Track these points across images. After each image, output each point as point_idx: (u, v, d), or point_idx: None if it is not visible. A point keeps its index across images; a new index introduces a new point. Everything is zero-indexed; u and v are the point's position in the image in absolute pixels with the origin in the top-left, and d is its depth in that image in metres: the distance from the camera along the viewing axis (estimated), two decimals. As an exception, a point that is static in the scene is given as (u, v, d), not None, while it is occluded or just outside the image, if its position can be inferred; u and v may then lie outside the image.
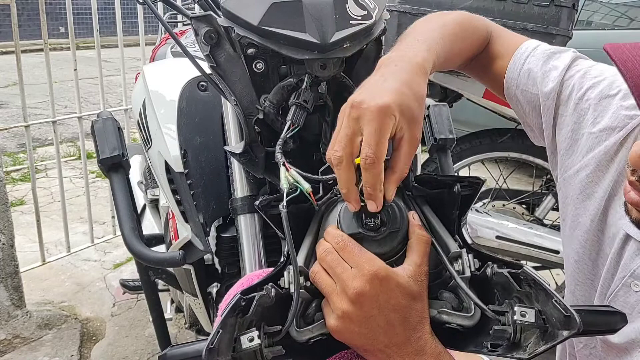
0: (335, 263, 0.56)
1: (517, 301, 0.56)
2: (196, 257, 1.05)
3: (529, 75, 0.80)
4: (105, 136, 0.99)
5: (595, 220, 0.75)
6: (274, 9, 0.74)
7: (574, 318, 0.50)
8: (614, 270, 0.73)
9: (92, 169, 3.60)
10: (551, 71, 0.78)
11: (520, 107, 0.84)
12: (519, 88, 0.81)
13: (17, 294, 2.10)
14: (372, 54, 0.87)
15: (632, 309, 0.68)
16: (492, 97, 2.05)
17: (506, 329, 0.55)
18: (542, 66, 0.79)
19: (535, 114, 0.82)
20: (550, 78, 0.78)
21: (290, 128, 0.74)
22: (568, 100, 0.77)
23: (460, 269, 0.59)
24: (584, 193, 0.76)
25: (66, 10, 2.41)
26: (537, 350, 0.53)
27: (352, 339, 0.57)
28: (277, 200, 0.64)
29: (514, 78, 0.81)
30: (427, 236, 0.60)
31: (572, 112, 0.76)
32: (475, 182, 0.66)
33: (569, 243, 0.81)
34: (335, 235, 0.59)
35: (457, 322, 0.58)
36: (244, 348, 0.53)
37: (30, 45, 8.76)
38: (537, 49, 0.81)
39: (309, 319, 0.59)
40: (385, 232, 0.59)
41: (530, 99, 0.81)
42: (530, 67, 0.80)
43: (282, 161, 0.63)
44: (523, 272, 0.56)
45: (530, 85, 0.80)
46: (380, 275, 0.54)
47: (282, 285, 0.59)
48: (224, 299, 0.77)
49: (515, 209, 2.27)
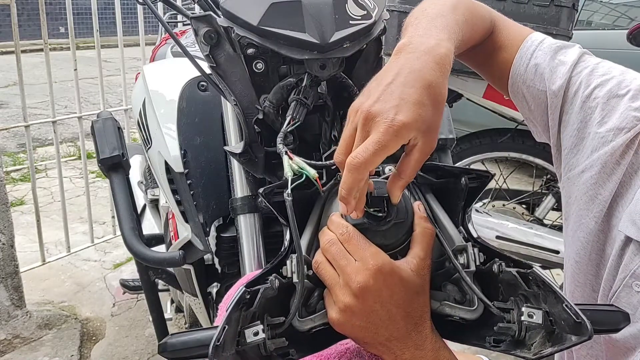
0: (339, 255, 0.56)
1: (524, 299, 0.56)
2: (196, 257, 1.05)
3: (536, 70, 0.77)
4: (105, 136, 0.99)
5: (598, 222, 0.73)
6: (274, 9, 0.74)
7: (585, 325, 0.49)
8: (615, 272, 0.72)
9: (92, 169, 3.60)
10: (559, 67, 0.75)
11: (525, 103, 0.81)
12: (525, 84, 0.79)
13: (17, 294, 2.10)
14: (372, 54, 0.88)
15: (635, 310, 0.68)
16: (492, 97, 2.05)
17: (511, 326, 0.55)
18: (549, 61, 0.76)
19: (541, 110, 0.80)
20: (558, 74, 0.75)
21: (290, 123, 0.74)
22: (574, 97, 0.74)
23: (465, 262, 0.58)
24: (587, 194, 0.74)
25: (66, 10, 2.41)
26: (543, 352, 0.53)
27: (353, 332, 0.57)
28: (281, 187, 0.63)
29: (521, 74, 0.79)
30: (432, 228, 0.59)
31: (579, 110, 0.74)
32: (484, 175, 0.65)
33: (570, 244, 0.80)
34: (339, 225, 0.57)
35: (459, 315, 0.57)
36: (249, 342, 0.52)
37: (30, 45, 8.76)
38: (543, 43, 0.78)
39: (310, 308, 0.59)
40: (390, 223, 0.58)
41: (536, 95, 0.78)
42: (537, 62, 0.77)
43: (284, 150, 0.62)
44: (532, 272, 0.55)
45: (537, 81, 0.77)
46: (385, 270, 0.54)
47: (284, 274, 0.58)
48: (225, 298, 0.77)
49: (515, 209, 2.27)
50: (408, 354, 0.56)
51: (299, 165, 0.60)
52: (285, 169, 0.60)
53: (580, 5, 3.11)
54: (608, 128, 0.71)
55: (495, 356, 2.11)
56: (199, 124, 1.04)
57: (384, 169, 0.65)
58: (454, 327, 0.60)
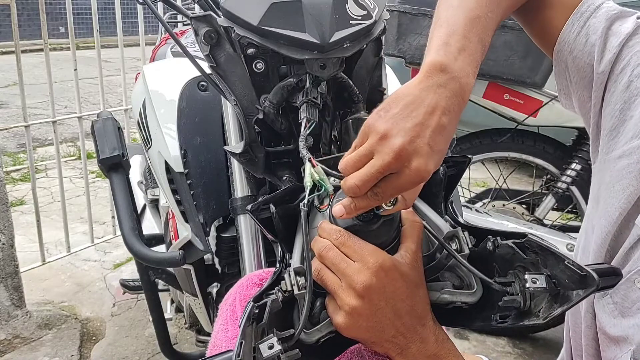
0: (337, 259, 0.56)
1: (522, 270, 0.56)
2: (196, 257, 1.05)
3: (586, 41, 0.70)
4: (105, 136, 0.99)
5: (623, 215, 0.68)
6: (274, 9, 0.74)
7: (591, 275, 0.49)
8: (622, 265, 0.68)
9: (92, 169, 3.60)
10: (610, 37, 0.69)
11: (567, 74, 0.75)
12: (572, 54, 0.72)
13: (17, 294, 2.10)
14: (372, 53, 0.88)
15: (632, 304, 0.68)
16: (492, 97, 2.05)
17: (516, 298, 0.55)
18: (602, 32, 0.69)
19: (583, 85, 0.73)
20: (608, 47, 0.69)
21: (306, 125, 0.74)
22: (621, 73, 0.68)
23: (457, 247, 0.59)
24: (621, 183, 0.68)
25: (66, 10, 2.41)
26: (552, 314, 0.53)
27: (360, 333, 0.57)
28: (267, 203, 0.64)
29: (569, 42, 0.72)
30: (420, 221, 0.60)
31: (624, 90, 0.68)
32: (462, 160, 0.65)
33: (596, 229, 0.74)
34: (332, 230, 0.58)
35: (461, 300, 0.58)
36: (265, 356, 0.52)
37: (30, 45, 8.76)
38: (600, 9, 0.71)
39: (314, 319, 0.59)
40: (380, 221, 0.58)
41: (581, 68, 0.72)
42: (589, 31, 0.70)
43: (309, 157, 0.61)
44: (528, 240, 0.56)
45: (585, 54, 0.71)
46: (386, 266, 0.54)
47: (283, 288, 0.59)
48: (224, 300, 0.77)
49: (515, 209, 2.27)
50: (414, 347, 0.56)
51: (320, 175, 0.59)
52: (306, 177, 0.59)
53: (580, 5, 3.10)
54: None
55: (496, 356, 2.11)
56: (199, 124, 1.04)
57: None
58: (457, 314, 0.61)
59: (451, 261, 0.60)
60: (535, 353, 2.07)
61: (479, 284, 0.58)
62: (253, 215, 0.63)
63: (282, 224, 0.64)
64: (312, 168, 0.59)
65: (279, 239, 0.64)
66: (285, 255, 0.63)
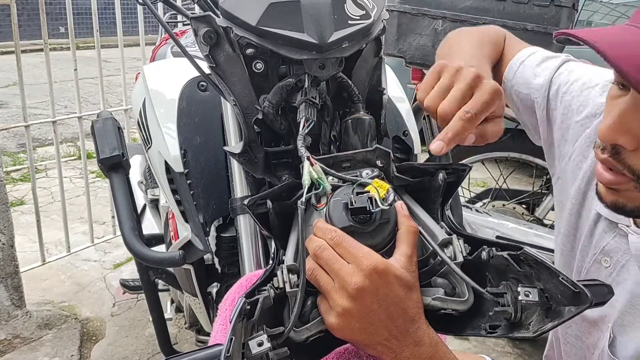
0: (332, 260, 0.56)
1: (515, 282, 0.56)
2: (196, 257, 1.05)
3: (522, 76, 0.88)
4: (105, 136, 0.99)
5: (576, 203, 0.81)
6: (272, 9, 0.74)
7: (584, 293, 0.50)
8: (587, 249, 0.78)
9: (92, 169, 3.60)
10: (543, 71, 0.87)
11: (515, 106, 0.92)
12: (513, 88, 0.89)
13: (17, 294, 2.10)
14: (371, 53, 0.88)
15: None
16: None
17: (507, 309, 0.55)
18: (534, 68, 0.87)
19: (529, 112, 0.90)
20: (541, 77, 0.86)
21: (305, 124, 0.73)
22: (557, 95, 0.85)
23: (451, 255, 0.59)
24: (572, 175, 0.83)
25: (66, 10, 2.41)
26: (543, 328, 0.53)
27: (352, 335, 0.57)
28: (263, 198, 0.63)
29: (509, 79, 0.90)
30: (416, 226, 0.60)
31: (560, 105, 0.84)
32: (461, 169, 0.66)
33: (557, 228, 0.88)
34: (327, 230, 0.58)
35: (452, 308, 0.58)
36: (254, 353, 0.52)
37: (30, 45, 8.76)
38: (535, 54, 0.89)
39: (305, 318, 0.59)
40: (376, 223, 0.58)
41: (523, 98, 0.89)
42: (524, 69, 0.88)
43: (307, 155, 0.61)
44: (523, 253, 0.56)
45: (522, 86, 0.88)
46: (379, 269, 0.54)
47: (275, 285, 0.58)
48: (224, 300, 0.77)
49: (515, 209, 2.27)
50: (407, 351, 0.56)
51: (318, 174, 0.59)
52: (305, 175, 0.59)
53: (580, 5, 3.11)
54: (584, 116, 0.81)
55: (496, 356, 2.11)
56: (198, 124, 1.04)
57: (361, 173, 0.66)
58: (448, 321, 0.61)
59: (444, 268, 0.60)
60: (535, 353, 2.07)
61: (471, 292, 0.58)
62: (249, 210, 0.63)
63: (277, 221, 0.64)
64: (310, 166, 0.59)
65: (274, 235, 0.64)
66: (279, 252, 0.63)
